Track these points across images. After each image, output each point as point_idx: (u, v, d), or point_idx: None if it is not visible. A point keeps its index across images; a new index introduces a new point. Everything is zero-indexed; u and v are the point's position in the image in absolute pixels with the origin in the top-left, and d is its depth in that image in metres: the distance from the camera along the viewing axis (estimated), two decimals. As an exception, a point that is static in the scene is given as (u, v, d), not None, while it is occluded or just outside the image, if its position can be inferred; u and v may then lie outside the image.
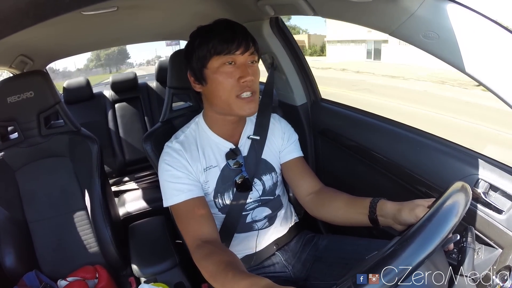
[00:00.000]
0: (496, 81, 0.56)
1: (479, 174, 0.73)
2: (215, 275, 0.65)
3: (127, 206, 1.80)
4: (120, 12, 1.11)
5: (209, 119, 0.87)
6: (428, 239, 0.46)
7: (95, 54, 37.94)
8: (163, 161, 0.82)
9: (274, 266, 0.91)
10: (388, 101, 7.72)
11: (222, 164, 0.86)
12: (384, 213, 0.72)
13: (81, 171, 1.20)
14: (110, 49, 33.71)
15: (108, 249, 1.18)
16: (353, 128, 1.10)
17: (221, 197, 0.86)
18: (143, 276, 0.97)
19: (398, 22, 0.64)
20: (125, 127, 2.25)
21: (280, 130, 0.95)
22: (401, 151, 0.93)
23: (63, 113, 1.17)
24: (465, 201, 0.52)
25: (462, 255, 0.58)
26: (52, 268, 1.18)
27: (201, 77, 0.80)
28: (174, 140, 0.86)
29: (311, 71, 1.25)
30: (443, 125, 5.42)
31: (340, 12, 0.78)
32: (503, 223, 0.69)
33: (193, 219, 0.77)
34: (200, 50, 0.78)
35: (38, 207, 1.18)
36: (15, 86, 1.09)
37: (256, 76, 0.79)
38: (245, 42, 0.77)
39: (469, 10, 0.55)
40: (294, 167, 0.93)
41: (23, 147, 1.16)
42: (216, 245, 0.74)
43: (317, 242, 0.95)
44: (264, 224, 0.91)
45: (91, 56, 38.44)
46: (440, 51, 0.61)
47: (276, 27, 1.16)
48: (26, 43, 1.27)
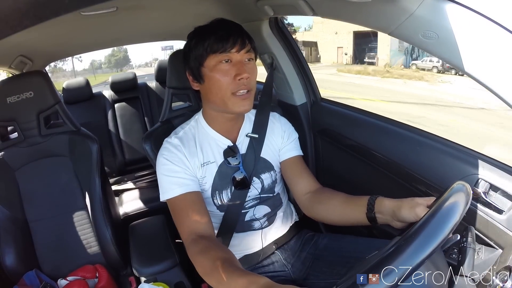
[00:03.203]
0: (496, 81, 0.56)
1: (479, 174, 0.73)
2: (211, 272, 0.64)
3: (127, 205, 1.80)
4: (120, 12, 1.11)
5: (208, 116, 0.88)
6: (429, 239, 0.46)
7: (107, 58, 52.46)
8: (161, 155, 0.83)
9: (273, 265, 0.91)
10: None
11: (220, 160, 0.86)
12: (382, 210, 0.72)
13: (81, 170, 1.20)
14: (117, 55, 50.27)
15: (108, 248, 1.18)
16: (353, 128, 1.10)
17: (219, 194, 0.86)
18: (143, 276, 0.97)
19: (397, 22, 0.64)
20: (125, 127, 2.25)
21: (280, 129, 0.95)
22: (401, 151, 0.93)
23: (62, 113, 1.17)
24: (465, 201, 0.51)
25: (462, 255, 0.58)
26: (52, 268, 1.18)
27: (199, 76, 0.81)
28: (173, 135, 0.87)
29: (311, 71, 1.25)
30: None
31: (340, 12, 0.78)
32: (503, 223, 0.69)
33: (188, 214, 0.77)
34: (197, 49, 0.80)
35: (38, 206, 1.18)
36: (15, 86, 1.09)
37: (252, 74, 0.80)
38: (241, 39, 0.78)
39: (468, 10, 0.55)
40: (292, 166, 0.94)
41: (23, 147, 1.16)
42: (211, 241, 0.74)
43: (317, 241, 0.95)
44: (264, 223, 0.91)
45: (104, 60, 53.00)
46: (440, 51, 0.61)
47: (275, 27, 1.17)
48: (26, 44, 1.26)
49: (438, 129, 1.78)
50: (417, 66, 16.70)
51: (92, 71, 43.02)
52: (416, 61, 17.11)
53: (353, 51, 19.70)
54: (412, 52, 18.17)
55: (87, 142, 1.19)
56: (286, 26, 1.20)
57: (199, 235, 0.74)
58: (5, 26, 0.36)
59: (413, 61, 17.37)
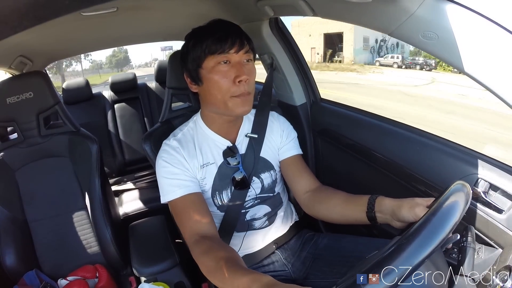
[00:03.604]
0: (496, 81, 0.56)
1: (479, 173, 0.73)
2: (214, 271, 0.64)
3: (127, 205, 1.80)
4: (120, 13, 1.11)
5: (206, 117, 0.88)
6: (428, 239, 0.46)
7: (108, 59, 53.35)
8: (160, 157, 0.83)
9: (273, 265, 0.91)
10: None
11: (219, 161, 0.86)
12: (382, 209, 0.72)
13: (81, 171, 1.20)
14: (118, 56, 51.30)
15: (108, 248, 1.18)
16: (353, 128, 1.10)
17: (219, 195, 0.86)
18: (143, 276, 0.97)
19: (398, 22, 0.63)
20: (125, 128, 2.25)
21: (279, 128, 0.95)
22: (400, 151, 0.93)
23: (62, 114, 1.17)
24: (465, 200, 0.51)
25: (462, 255, 0.58)
26: (52, 267, 1.18)
27: (197, 78, 0.81)
28: (172, 137, 0.87)
29: (310, 71, 1.25)
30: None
31: (340, 12, 0.78)
32: (503, 223, 0.69)
33: (190, 215, 0.78)
34: (195, 51, 0.79)
35: (38, 206, 1.18)
36: (15, 86, 1.09)
37: (251, 75, 0.80)
38: (239, 40, 0.78)
39: (468, 10, 0.55)
40: (292, 165, 0.93)
41: (22, 147, 1.16)
42: (215, 241, 0.74)
43: (317, 240, 0.95)
44: (264, 223, 0.91)
45: (106, 60, 54.17)
46: (440, 51, 0.61)
47: (275, 27, 1.16)
48: (26, 44, 1.26)
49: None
50: (380, 62, 19.45)
51: (92, 71, 44.95)
52: (379, 58, 20.10)
53: (323, 51, 21.94)
54: (380, 50, 21.87)
55: (87, 142, 1.19)
56: (286, 27, 1.20)
57: (201, 236, 0.74)
58: (5, 27, 0.36)
59: (377, 59, 20.29)
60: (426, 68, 17.95)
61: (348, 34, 20.36)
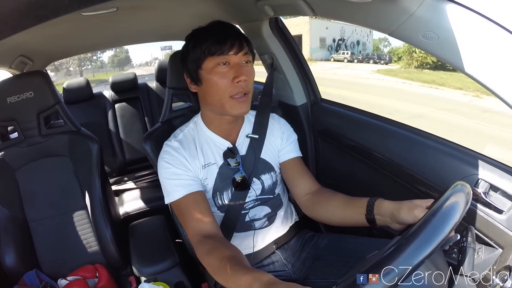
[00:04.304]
0: (496, 82, 0.56)
1: (479, 174, 0.73)
2: (218, 271, 0.66)
3: (127, 205, 1.80)
4: (120, 12, 1.11)
5: (206, 118, 0.88)
6: (429, 239, 0.46)
7: (110, 59, 57.14)
8: (162, 159, 0.83)
9: (273, 265, 0.91)
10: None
11: (220, 162, 0.86)
12: (381, 211, 0.72)
13: (81, 170, 1.20)
14: (119, 55, 55.02)
15: (108, 248, 1.18)
16: (353, 128, 1.10)
17: (220, 195, 0.86)
18: (143, 275, 0.97)
19: (398, 22, 0.63)
20: (125, 127, 2.25)
21: (279, 130, 0.95)
22: (401, 151, 0.93)
23: (63, 113, 1.17)
24: (466, 201, 0.51)
25: (462, 255, 0.58)
26: (52, 267, 1.18)
27: (197, 78, 0.82)
28: (172, 138, 0.87)
29: (311, 71, 1.25)
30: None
31: (340, 12, 0.78)
32: (503, 223, 0.69)
33: (193, 214, 0.78)
34: (195, 52, 0.80)
35: (38, 206, 1.19)
36: (15, 86, 1.09)
37: (250, 77, 0.80)
38: (238, 42, 0.78)
39: (468, 10, 0.55)
40: (292, 167, 0.93)
41: (23, 147, 1.16)
42: (218, 240, 0.75)
43: (317, 241, 0.95)
44: (264, 223, 0.91)
45: (108, 60, 57.22)
46: (440, 51, 0.61)
47: (275, 27, 1.16)
48: (26, 44, 1.26)
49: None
50: (334, 58, 23.35)
51: (97, 70, 47.02)
52: (333, 55, 24.15)
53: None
54: (338, 48, 25.97)
55: (87, 142, 1.19)
56: (286, 27, 1.20)
57: (205, 235, 0.75)
58: (5, 27, 0.36)
59: (332, 55, 24.41)
60: (380, 62, 20.71)
61: (306, 36, 24.10)
